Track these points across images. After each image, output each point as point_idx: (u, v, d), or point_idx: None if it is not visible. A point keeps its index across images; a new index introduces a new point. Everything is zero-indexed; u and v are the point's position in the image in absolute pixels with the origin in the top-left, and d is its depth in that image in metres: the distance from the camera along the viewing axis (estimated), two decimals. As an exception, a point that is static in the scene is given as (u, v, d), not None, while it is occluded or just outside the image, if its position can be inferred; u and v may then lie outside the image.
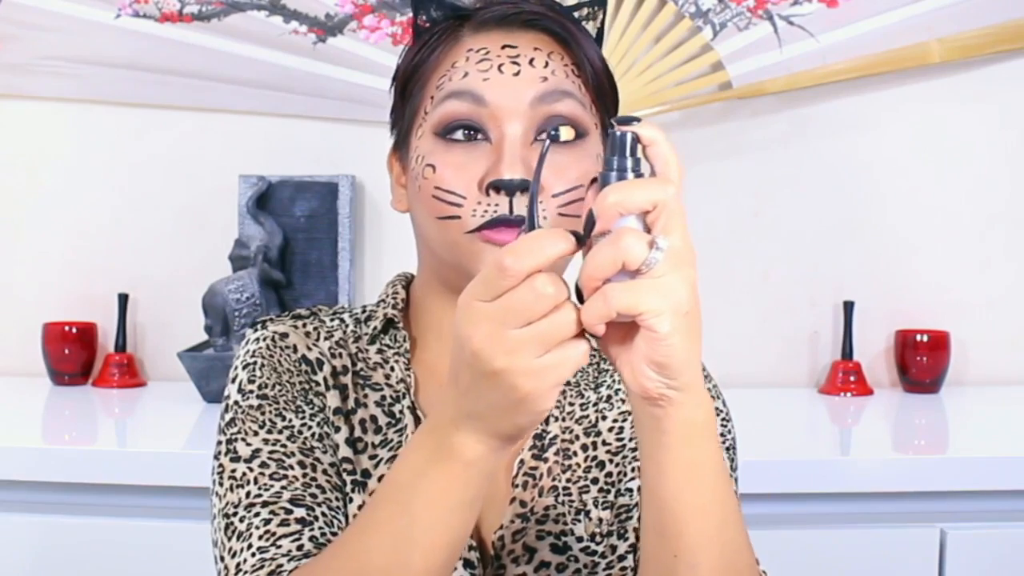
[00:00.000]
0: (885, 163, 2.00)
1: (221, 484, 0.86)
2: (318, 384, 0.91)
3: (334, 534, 0.82)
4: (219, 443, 0.88)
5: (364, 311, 0.97)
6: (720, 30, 1.94)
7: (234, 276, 1.85)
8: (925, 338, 1.93)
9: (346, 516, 0.87)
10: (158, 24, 1.94)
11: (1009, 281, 2.02)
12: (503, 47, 0.87)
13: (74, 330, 1.92)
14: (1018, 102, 2.00)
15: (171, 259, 1.99)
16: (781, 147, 2.00)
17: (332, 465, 0.88)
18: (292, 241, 1.93)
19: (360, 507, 0.87)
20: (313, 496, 0.84)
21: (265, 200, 1.92)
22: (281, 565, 0.78)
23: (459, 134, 0.85)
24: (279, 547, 0.80)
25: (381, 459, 0.90)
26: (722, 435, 0.93)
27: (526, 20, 0.88)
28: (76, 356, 1.91)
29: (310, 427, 0.88)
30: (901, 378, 1.96)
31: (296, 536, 0.81)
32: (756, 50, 1.94)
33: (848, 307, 1.96)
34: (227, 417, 0.89)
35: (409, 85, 0.91)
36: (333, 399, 0.91)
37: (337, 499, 0.86)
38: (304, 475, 0.85)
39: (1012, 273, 2.02)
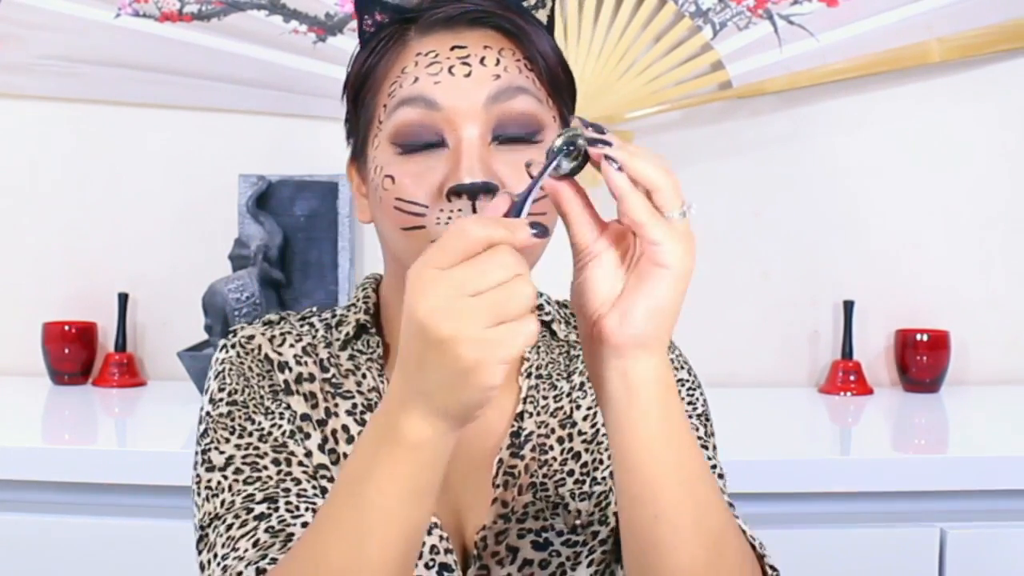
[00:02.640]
0: (885, 162, 2.00)
1: (199, 495, 0.86)
2: (282, 385, 0.90)
3: (296, 519, 0.81)
4: (195, 454, 0.88)
5: (334, 315, 0.96)
6: (720, 29, 1.94)
7: (234, 276, 1.85)
8: (925, 337, 1.93)
9: None
10: (158, 24, 1.94)
11: (1009, 281, 2.02)
12: (452, 48, 0.84)
13: (74, 330, 1.92)
14: (1018, 102, 2.00)
15: (171, 258, 1.99)
16: (781, 147, 2.00)
17: (308, 454, 0.87)
18: (292, 241, 1.93)
19: None
20: (286, 490, 0.83)
21: (265, 199, 1.92)
22: (241, 572, 0.77)
23: (415, 143, 0.83)
24: (236, 550, 0.79)
25: None
26: (691, 403, 0.95)
27: (473, 19, 0.86)
28: (76, 356, 1.91)
29: (280, 425, 0.88)
30: (901, 378, 1.96)
31: (251, 533, 0.80)
32: (756, 49, 1.94)
33: (848, 306, 1.96)
34: (201, 429, 0.89)
35: (361, 93, 0.88)
36: (299, 404, 0.89)
37: (314, 487, 0.85)
38: (279, 472, 0.85)
39: (1012, 273, 2.02)
